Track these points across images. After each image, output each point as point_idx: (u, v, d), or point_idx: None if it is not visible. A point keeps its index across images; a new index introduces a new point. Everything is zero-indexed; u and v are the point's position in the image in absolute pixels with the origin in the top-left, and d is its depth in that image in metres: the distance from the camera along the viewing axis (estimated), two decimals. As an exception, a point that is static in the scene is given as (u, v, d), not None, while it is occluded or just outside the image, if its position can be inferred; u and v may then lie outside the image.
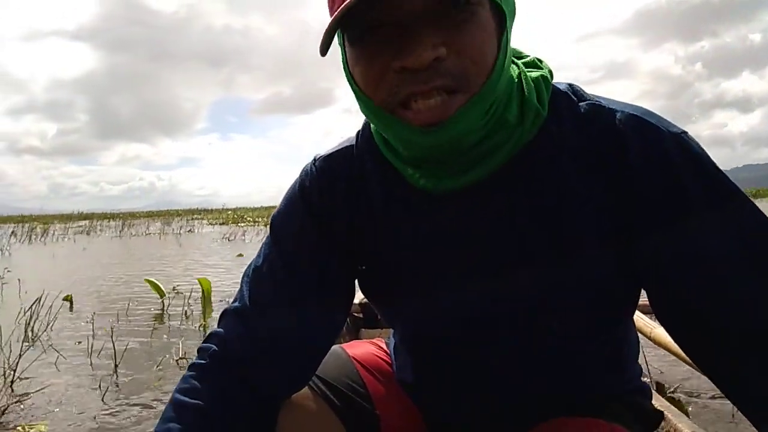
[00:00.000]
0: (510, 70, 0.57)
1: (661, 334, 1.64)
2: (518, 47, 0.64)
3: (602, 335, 0.66)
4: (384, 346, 0.87)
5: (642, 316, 1.80)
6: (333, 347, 0.79)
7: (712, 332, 0.53)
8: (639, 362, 0.76)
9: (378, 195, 0.66)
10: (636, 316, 1.48)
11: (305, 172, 0.71)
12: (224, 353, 0.65)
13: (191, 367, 0.66)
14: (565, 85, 0.61)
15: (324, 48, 0.52)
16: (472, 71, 0.51)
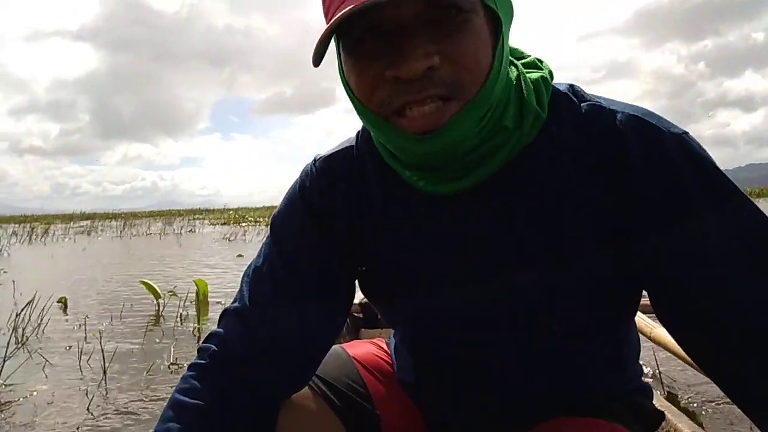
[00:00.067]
0: (508, 74, 0.57)
1: (662, 334, 1.64)
2: (518, 47, 0.64)
3: (602, 335, 0.66)
4: (384, 346, 0.87)
5: (642, 316, 1.80)
6: (333, 347, 0.79)
7: (713, 332, 0.53)
8: (639, 362, 0.76)
9: (378, 196, 0.66)
10: (636, 317, 1.48)
11: (305, 173, 0.71)
12: (224, 353, 0.66)
13: (191, 367, 0.66)
14: (566, 86, 0.61)
15: (317, 58, 0.52)
16: (467, 79, 0.51)
